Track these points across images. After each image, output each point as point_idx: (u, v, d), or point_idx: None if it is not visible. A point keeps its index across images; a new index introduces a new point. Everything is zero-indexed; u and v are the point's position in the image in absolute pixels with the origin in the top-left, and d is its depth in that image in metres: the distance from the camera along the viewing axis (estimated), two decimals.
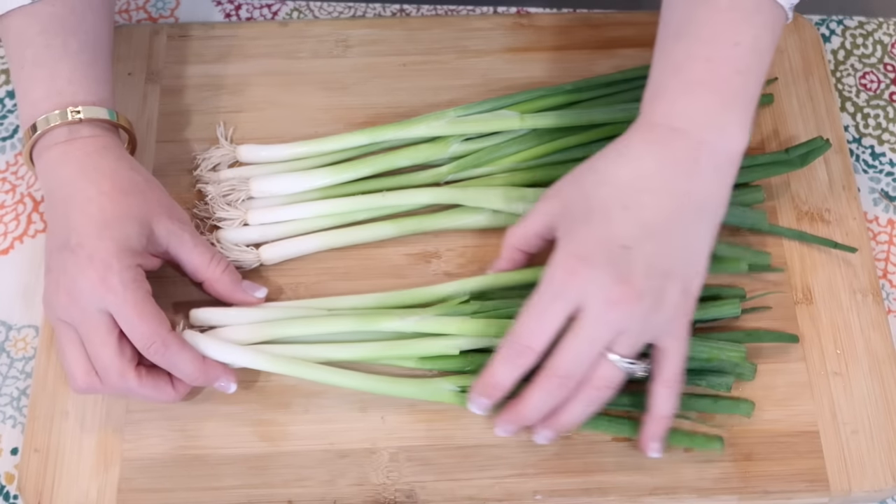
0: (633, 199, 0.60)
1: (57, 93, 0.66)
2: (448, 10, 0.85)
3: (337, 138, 0.74)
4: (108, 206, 0.63)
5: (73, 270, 0.62)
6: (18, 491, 0.67)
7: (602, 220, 0.60)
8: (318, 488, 0.65)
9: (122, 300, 0.62)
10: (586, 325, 0.59)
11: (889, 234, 0.76)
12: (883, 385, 0.68)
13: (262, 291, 0.69)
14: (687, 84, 0.61)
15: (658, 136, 0.61)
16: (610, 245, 0.59)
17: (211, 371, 0.65)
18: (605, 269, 0.58)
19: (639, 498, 0.65)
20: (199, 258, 0.67)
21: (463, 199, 0.72)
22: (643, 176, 0.61)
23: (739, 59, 0.61)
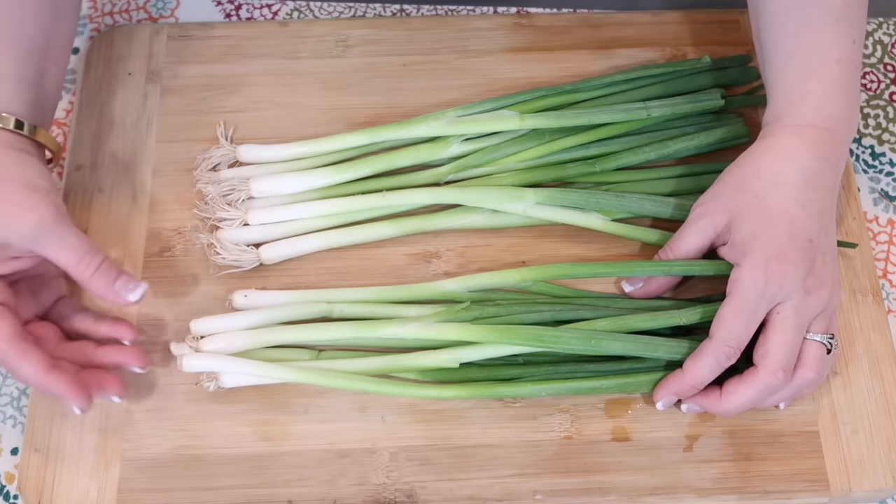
0: (807, 197, 0.64)
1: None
2: (448, 10, 0.85)
3: (337, 138, 0.74)
4: None
5: None
6: (18, 491, 0.67)
7: (786, 220, 0.64)
8: (318, 488, 0.65)
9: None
10: (791, 317, 0.63)
11: (889, 233, 0.76)
12: (883, 385, 0.68)
13: (137, 292, 0.65)
14: (828, 86, 0.66)
15: (813, 136, 0.65)
16: (800, 242, 0.63)
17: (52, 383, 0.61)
18: (801, 263, 0.63)
19: (639, 498, 0.65)
20: (65, 260, 0.63)
21: (463, 199, 0.72)
22: (809, 176, 0.65)
23: (857, 57, 0.67)
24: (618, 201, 0.71)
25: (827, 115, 0.66)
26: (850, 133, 0.67)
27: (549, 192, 0.72)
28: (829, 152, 0.65)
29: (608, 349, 0.66)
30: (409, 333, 0.66)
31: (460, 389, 0.66)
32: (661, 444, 0.66)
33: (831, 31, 0.66)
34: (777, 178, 0.65)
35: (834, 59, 0.66)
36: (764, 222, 0.64)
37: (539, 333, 0.65)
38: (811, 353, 0.64)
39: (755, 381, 0.63)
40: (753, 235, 0.64)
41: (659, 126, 0.76)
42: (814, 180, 0.65)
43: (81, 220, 0.73)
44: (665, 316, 0.67)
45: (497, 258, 0.72)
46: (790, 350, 0.63)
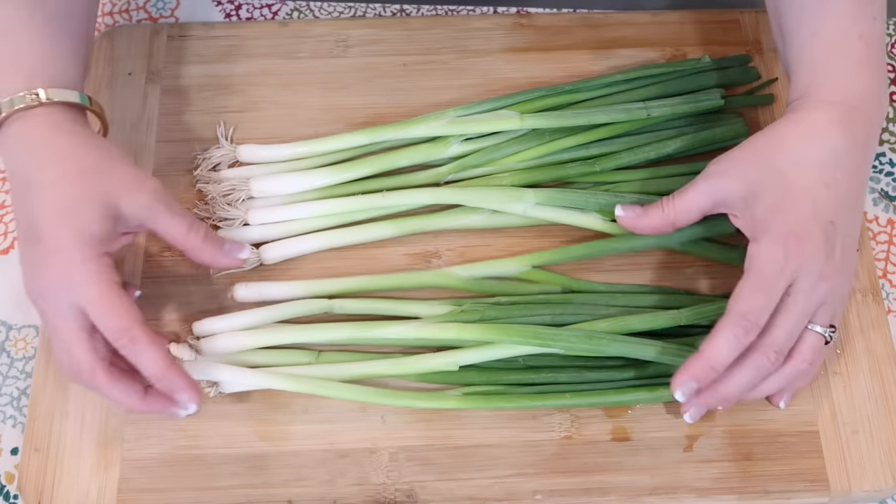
0: (832, 177, 0.62)
1: (14, 66, 0.63)
2: (448, 10, 0.85)
3: (337, 138, 0.74)
4: (68, 191, 0.60)
5: (38, 266, 0.59)
6: (18, 491, 0.67)
7: (809, 199, 0.62)
8: (318, 488, 0.65)
9: (89, 294, 0.59)
10: (800, 300, 0.61)
11: (889, 234, 0.76)
12: (883, 385, 0.68)
13: (245, 251, 0.67)
14: (853, 63, 0.65)
15: (842, 114, 0.64)
16: (822, 222, 0.61)
17: (174, 377, 0.61)
18: (822, 245, 0.61)
19: (639, 498, 0.65)
20: (175, 229, 0.64)
21: (463, 199, 0.72)
22: (837, 155, 0.63)
23: (879, 33, 0.66)
24: (618, 202, 0.71)
25: (854, 91, 0.64)
26: (879, 111, 0.66)
27: (548, 193, 0.72)
28: (859, 131, 0.64)
29: (608, 350, 0.66)
30: (409, 333, 0.66)
31: (459, 401, 0.66)
32: (661, 444, 0.66)
33: (852, 8, 0.65)
34: (803, 155, 0.63)
35: (856, 35, 0.65)
36: (785, 198, 0.62)
37: (538, 331, 0.65)
38: (808, 343, 0.63)
39: (747, 361, 0.61)
40: (774, 210, 0.62)
41: (659, 126, 0.76)
42: (841, 161, 0.63)
43: None
44: (665, 316, 0.67)
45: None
46: (788, 334, 0.61)
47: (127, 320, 0.60)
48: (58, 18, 0.65)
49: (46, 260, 0.59)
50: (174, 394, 0.62)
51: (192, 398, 0.62)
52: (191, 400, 0.62)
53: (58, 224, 0.59)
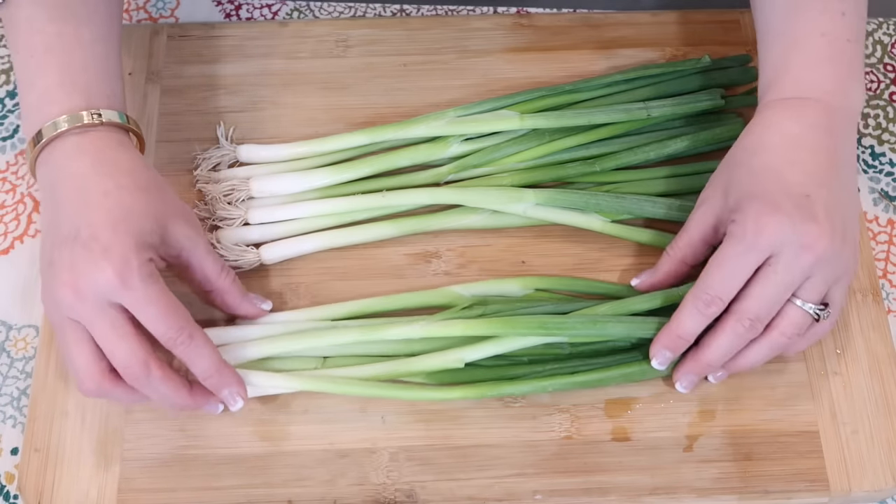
0: (795, 155, 0.63)
1: (71, 83, 0.64)
2: (448, 10, 0.85)
3: (337, 138, 0.74)
4: (126, 199, 0.61)
5: (85, 265, 0.59)
6: (18, 491, 0.67)
7: (776, 176, 0.63)
8: (318, 488, 0.65)
9: (144, 295, 0.60)
10: (780, 270, 0.61)
11: (889, 234, 0.76)
12: (883, 385, 0.68)
13: (268, 304, 0.69)
14: (809, 60, 0.65)
15: (792, 105, 0.65)
16: (792, 194, 0.62)
17: (226, 373, 0.63)
18: (797, 215, 0.61)
19: (639, 498, 0.65)
20: (211, 266, 0.66)
21: (463, 199, 0.72)
22: (794, 138, 0.64)
23: (848, 28, 0.66)
24: (617, 203, 0.71)
25: (810, 86, 0.65)
26: (846, 101, 0.66)
27: (548, 193, 0.72)
28: (816, 118, 0.64)
29: (613, 332, 0.66)
30: (414, 333, 0.66)
31: (466, 390, 0.66)
32: (661, 444, 0.66)
33: (818, 5, 0.66)
34: (762, 145, 0.64)
35: (818, 33, 0.65)
36: (753, 181, 0.63)
37: (544, 321, 0.65)
38: (788, 316, 0.63)
39: (723, 327, 0.63)
40: (744, 194, 0.63)
41: (659, 126, 0.76)
42: (800, 142, 0.64)
43: None
44: (665, 295, 0.67)
45: (497, 258, 0.72)
46: (764, 304, 0.62)
47: (184, 319, 0.61)
48: (103, 38, 0.66)
49: (98, 260, 0.59)
50: (223, 389, 0.63)
51: (241, 393, 0.64)
52: (239, 395, 0.64)
53: (114, 228, 0.60)
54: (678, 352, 0.65)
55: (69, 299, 0.60)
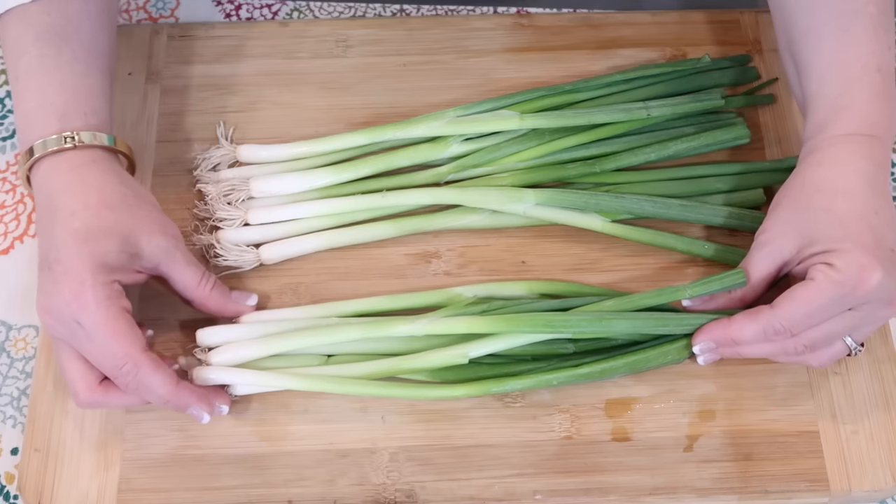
0: (877, 203, 0.63)
1: (49, 104, 0.64)
2: (448, 10, 0.85)
3: (337, 138, 0.74)
4: (91, 220, 0.62)
5: (51, 287, 0.61)
6: (18, 491, 0.67)
7: (867, 229, 0.62)
8: (318, 488, 0.65)
9: (94, 317, 0.60)
10: (857, 318, 0.62)
11: None
12: (883, 385, 0.68)
13: (252, 299, 0.69)
14: (871, 95, 0.65)
15: (860, 143, 0.65)
16: (884, 248, 0.62)
17: (183, 394, 0.63)
18: (890, 273, 0.61)
19: (639, 498, 0.65)
20: (189, 277, 0.66)
21: (463, 199, 0.72)
22: (870, 180, 0.64)
23: (892, 63, 0.66)
24: (617, 202, 0.71)
25: (872, 122, 0.65)
26: (890, 137, 0.66)
27: (548, 193, 0.72)
28: (879, 157, 0.64)
29: (618, 328, 0.65)
30: (418, 330, 0.66)
31: (470, 388, 0.66)
32: (661, 444, 0.66)
33: (870, 40, 0.65)
34: (840, 186, 0.63)
35: (875, 68, 0.65)
36: (844, 232, 0.62)
37: (549, 319, 0.65)
38: (833, 349, 0.64)
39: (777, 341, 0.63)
40: (836, 241, 0.62)
41: (659, 126, 0.76)
42: (876, 184, 0.64)
43: None
44: (670, 291, 0.67)
45: (497, 258, 0.72)
46: (825, 336, 0.63)
47: (129, 345, 0.61)
48: (85, 55, 0.66)
49: (59, 282, 0.61)
50: (187, 409, 0.64)
51: (206, 409, 0.64)
52: (204, 410, 0.64)
53: (75, 249, 0.61)
54: (722, 349, 0.65)
55: (47, 321, 0.62)
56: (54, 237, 0.62)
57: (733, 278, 0.66)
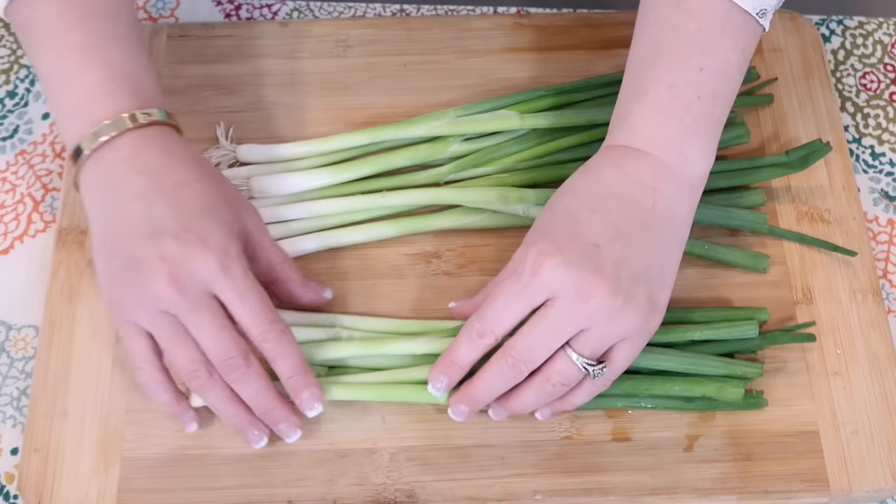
0: (601, 203, 0.61)
1: (117, 80, 0.61)
2: (448, 10, 0.85)
3: (337, 138, 0.74)
4: (205, 190, 0.60)
5: (183, 255, 0.58)
6: (18, 491, 0.67)
7: (570, 221, 0.60)
8: (318, 488, 0.65)
9: (243, 285, 0.59)
10: (552, 316, 0.59)
11: (889, 234, 0.76)
12: (883, 385, 0.68)
13: (328, 292, 0.68)
14: (649, 110, 0.62)
15: (617, 153, 0.62)
16: (580, 242, 0.59)
17: (309, 374, 0.62)
18: (577, 262, 0.58)
19: (639, 498, 0.65)
20: (275, 256, 0.65)
21: (463, 199, 0.72)
22: (606, 185, 0.61)
23: (704, 85, 0.61)
24: None
25: (643, 138, 0.61)
26: (680, 162, 0.61)
27: (549, 193, 0.71)
28: (639, 170, 0.61)
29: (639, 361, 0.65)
30: (418, 348, 0.66)
31: None
32: (661, 444, 0.66)
33: (674, 56, 0.61)
34: (572, 188, 0.63)
35: (665, 84, 0.61)
36: (549, 222, 0.61)
37: None
38: (554, 366, 0.60)
39: (492, 361, 0.61)
40: (536, 232, 0.61)
41: None
42: (612, 191, 0.61)
43: (81, 219, 0.73)
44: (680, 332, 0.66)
45: (497, 258, 0.72)
46: (532, 346, 0.60)
47: (275, 314, 0.61)
48: (134, 33, 0.64)
49: (197, 250, 0.58)
50: (304, 391, 0.62)
51: (320, 397, 0.63)
52: (318, 399, 0.63)
53: (204, 217, 0.59)
54: (453, 379, 0.63)
55: (168, 292, 0.58)
56: (166, 208, 0.59)
57: (745, 329, 0.66)
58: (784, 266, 0.72)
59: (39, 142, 0.79)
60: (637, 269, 0.59)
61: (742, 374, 0.65)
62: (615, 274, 0.59)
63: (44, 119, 0.80)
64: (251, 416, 0.63)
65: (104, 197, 0.61)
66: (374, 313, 0.70)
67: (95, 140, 0.60)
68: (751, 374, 0.66)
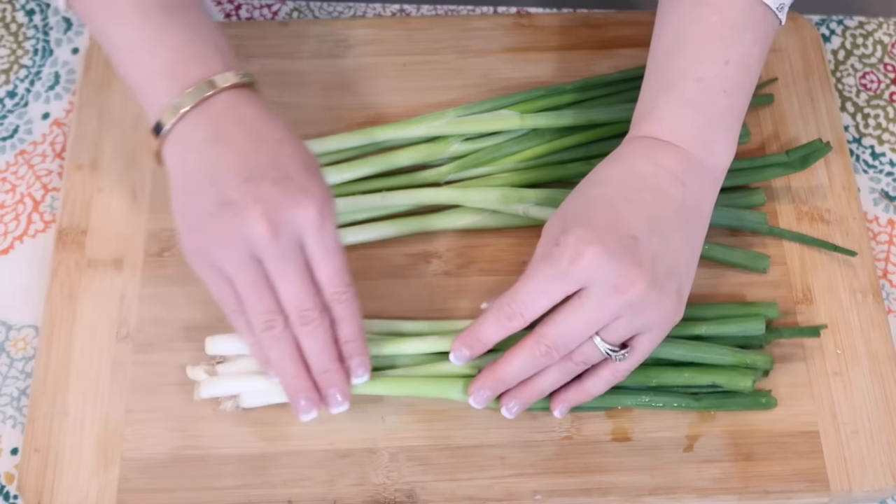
0: (636, 194, 0.61)
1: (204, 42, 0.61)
2: (448, 10, 0.85)
3: (337, 138, 0.74)
4: (302, 150, 0.61)
5: (281, 199, 0.58)
6: (18, 491, 0.67)
7: (608, 211, 0.60)
8: (318, 488, 0.65)
9: (333, 240, 0.59)
10: (588, 306, 0.59)
11: (889, 234, 0.76)
12: (883, 385, 0.68)
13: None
14: (677, 103, 0.62)
15: (646, 145, 0.62)
16: (620, 233, 0.59)
17: (365, 342, 0.62)
18: (617, 253, 0.58)
19: (639, 498, 0.65)
20: None
21: (463, 199, 0.72)
22: (639, 176, 0.61)
23: (728, 78, 0.62)
24: None
25: (672, 130, 0.62)
26: (706, 154, 0.62)
27: (549, 193, 0.72)
28: (669, 163, 0.61)
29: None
30: (427, 348, 0.66)
31: None
32: (661, 444, 0.66)
33: (699, 49, 0.62)
34: (605, 177, 0.62)
35: (692, 77, 0.62)
36: (585, 210, 0.61)
37: None
38: (584, 352, 0.61)
39: (524, 346, 0.61)
40: (574, 220, 0.60)
41: None
42: (646, 182, 0.61)
43: (81, 220, 0.73)
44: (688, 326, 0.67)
45: (497, 258, 0.72)
46: (568, 334, 0.60)
47: (351, 279, 0.61)
48: None
49: (300, 198, 0.58)
50: (357, 356, 0.62)
51: (367, 365, 0.62)
52: (366, 366, 0.62)
53: (306, 170, 0.59)
54: (475, 353, 0.62)
55: (263, 233, 0.57)
56: (270, 158, 0.59)
57: (752, 324, 0.66)
58: (784, 266, 0.72)
59: (39, 142, 0.79)
60: (671, 264, 0.60)
61: (752, 364, 0.66)
62: (652, 267, 0.59)
63: (44, 119, 0.80)
64: (309, 379, 0.62)
65: (196, 149, 0.60)
66: (375, 313, 0.70)
67: (194, 98, 0.60)
68: (760, 364, 0.66)
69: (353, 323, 0.62)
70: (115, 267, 0.71)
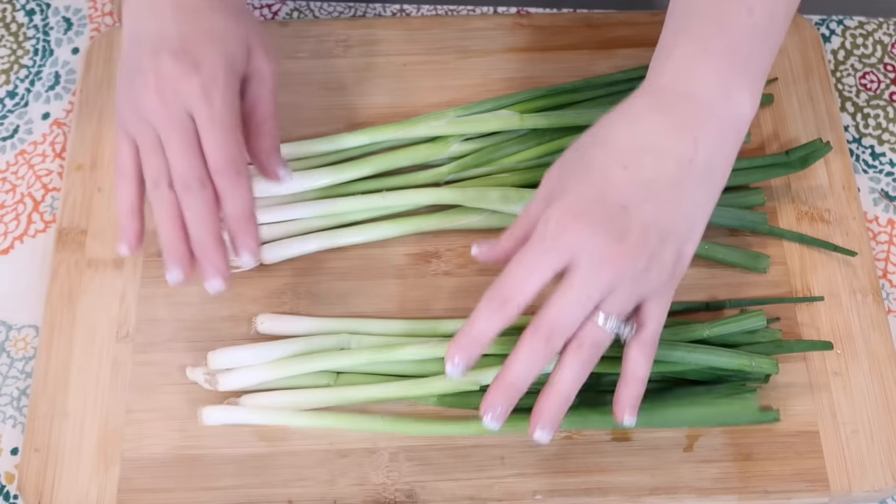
0: (634, 159, 0.58)
1: None
2: (448, 10, 0.85)
3: (337, 138, 0.74)
4: (219, 20, 0.62)
5: (173, 73, 0.60)
6: (18, 491, 0.67)
7: (600, 179, 0.57)
8: (318, 488, 0.65)
9: (218, 115, 0.60)
10: (576, 283, 0.56)
11: (889, 234, 0.76)
12: (883, 385, 0.68)
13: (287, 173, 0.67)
14: (698, 48, 0.60)
15: (663, 99, 0.59)
16: (607, 203, 0.57)
17: (253, 224, 0.61)
18: (602, 226, 0.56)
19: (639, 498, 0.65)
20: (267, 106, 0.65)
21: (463, 199, 0.72)
22: (645, 136, 0.58)
23: (753, 27, 0.60)
24: None
25: (689, 77, 0.59)
26: (726, 104, 0.59)
27: None
28: (684, 118, 0.58)
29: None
30: (427, 353, 0.66)
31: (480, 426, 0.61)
32: (661, 444, 0.66)
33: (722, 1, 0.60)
34: (608, 137, 0.59)
35: (713, 23, 0.59)
36: (579, 178, 0.58)
37: None
38: (589, 334, 0.57)
39: (522, 341, 0.57)
40: (564, 188, 0.58)
41: None
42: (651, 142, 0.58)
43: (81, 219, 0.73)
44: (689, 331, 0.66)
45: None
46: (562, 315, 0.56)
47: (239, 154, 0.61)
48: None
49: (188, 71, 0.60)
50: (242, 236, 0.61)
51: (255, 250, 0.62)
52: (252, 251, 0.61)
53: (208, 44, 0.61)
54: (472, 356, 0.57)
55: (152, 103, 0.60)
56: (178, 30, 0.61)
57: (753, 320, 0.66)
58: (784, 266, 0.72)
59: (39, 142, 0.79)
60: (665, 228, 0.57)
61: (756, 367, 0.65)
62: (642, 236, 0.56)
63: (44, 119, 0.80)
64: (184, 245, 0.61)
65: (132, 14, 0.64)
66: (375, 313, 0.70)
67: None
68: (766, 368, 0.65)
69: (235, 201, 0.61)
70: (115, 267, 0.72)
